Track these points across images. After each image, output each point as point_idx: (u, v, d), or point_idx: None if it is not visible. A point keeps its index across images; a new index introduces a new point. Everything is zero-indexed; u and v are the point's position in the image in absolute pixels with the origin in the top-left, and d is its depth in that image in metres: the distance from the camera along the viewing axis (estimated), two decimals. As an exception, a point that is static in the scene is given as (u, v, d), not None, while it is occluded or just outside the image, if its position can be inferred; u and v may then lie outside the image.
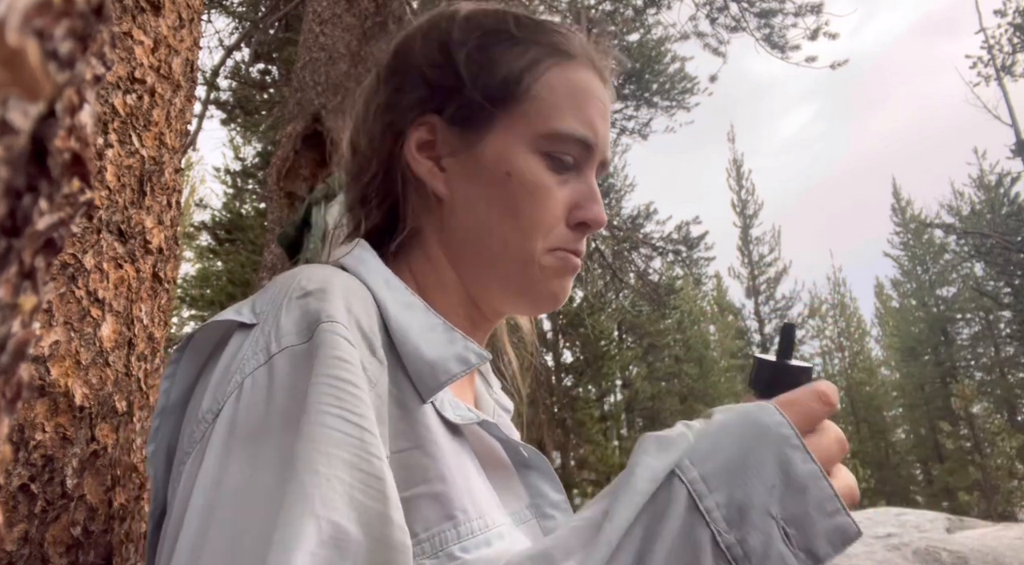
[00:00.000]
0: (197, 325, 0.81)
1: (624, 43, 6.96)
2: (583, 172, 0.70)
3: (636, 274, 8.44)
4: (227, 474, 0.45)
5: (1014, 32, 14.89)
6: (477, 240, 0.67)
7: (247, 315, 0.54)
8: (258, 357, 0.50)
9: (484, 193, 0.67)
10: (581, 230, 0.69)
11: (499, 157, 0.66)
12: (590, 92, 0.69)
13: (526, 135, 0.67)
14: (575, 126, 0.67)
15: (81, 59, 0.20)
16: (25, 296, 0.19)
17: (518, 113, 0.67)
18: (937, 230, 22.79)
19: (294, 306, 0.53)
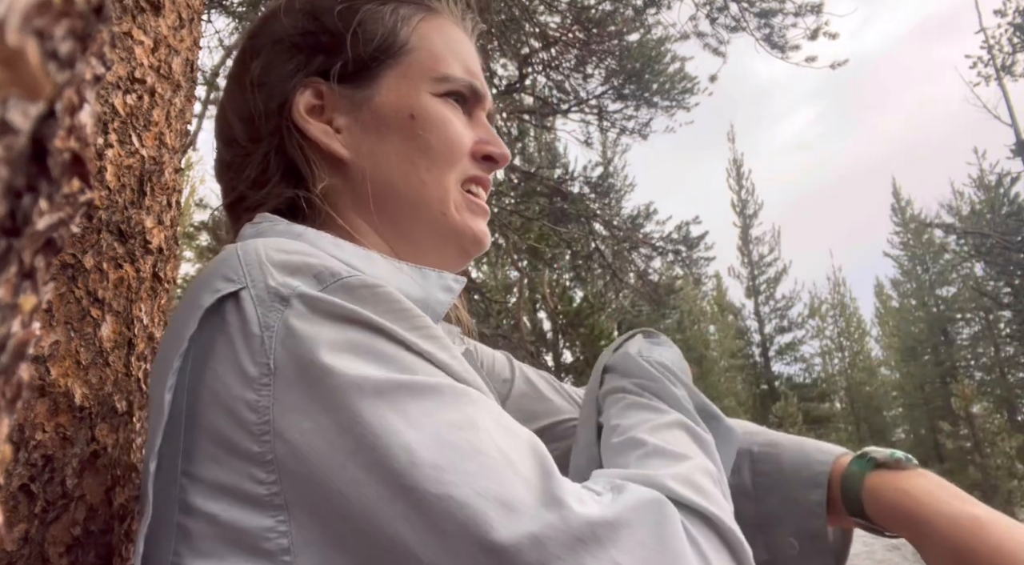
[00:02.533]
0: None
1: (624, 43, 6.96)
2: (475, 117, 0.73)
3: (636, 274, 8.44)
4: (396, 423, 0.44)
5: (1014, 32, 14.88)
6: (394, 191, 0.68)
7: (222, 285, 0.51)
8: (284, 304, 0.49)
9: (391, 141, 0.68)
10: (487, 165, 0.73)
11: (398, 103, 0.69)
12: (462, 41, 0.74)
13: (419, 80, 0.69)
14: (460, 72, 0.71)
15: (81, 59, 0.20)
16: (25, 296, 0.19)
17: (403, 63, 0.70)
18: (937, 230, 22.79)
19: (277, 266, 0.52)
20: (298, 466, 0.45)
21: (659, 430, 0.61)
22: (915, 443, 24.63)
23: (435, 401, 0.46)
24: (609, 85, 7.39)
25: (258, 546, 0.46)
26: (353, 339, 0.48)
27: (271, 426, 0.46)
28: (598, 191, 9.56)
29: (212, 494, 0.48)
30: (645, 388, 0.69)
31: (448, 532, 0.42)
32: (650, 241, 8.72)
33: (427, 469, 0.43)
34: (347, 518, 0.44)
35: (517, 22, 6.19)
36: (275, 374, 0.47)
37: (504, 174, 7.47)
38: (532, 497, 0.43)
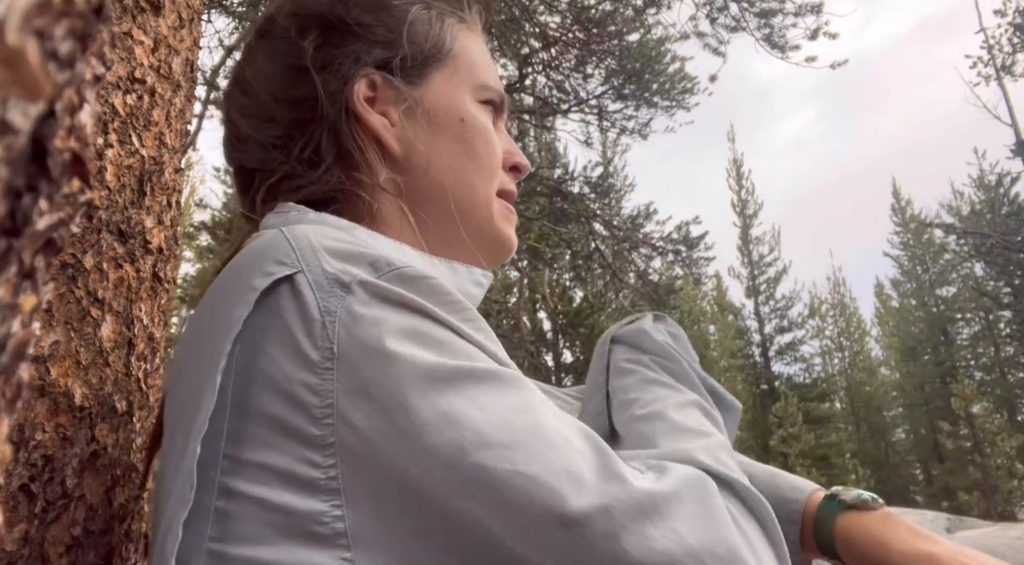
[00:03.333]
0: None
1: (624, 43, 6.96)
2: (499, 126, 0.76)
3: (636, 274, 8.44)
4: (464, 407, 0.46)
5: (1014, 32, 14.88)
6: (443, 190, 0.69)
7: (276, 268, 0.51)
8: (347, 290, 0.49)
9: (443, 141, 0.69)
10: (514, 174, 0.76)
11: (450, 105, 0.70)
12: (489, 55, 0.77)
13: (466, 86, 0.72)
14: (494, 82, 0.74)
15: (81, 59, 0.20)
16: (25, 296, 0.19)
17: (451, 66, 0.72)
18: (937, 230, 22.79)
19: (331, 253, 0.52)
20: (362, 449, 0.46)
21: (680, 408, 0.66)
22: (915, 443, 24.63)
23: (496, 387, 0.48)
24: (609, 85, 7.39)
25: (311, 530, 0.45)
26: (415, 326, 0.49)
27: (334, 409, 0.46)
28: (598, 191, 9.57)
29: (260, 478, 0.47)
30: (662, 366, 0.73)
31: (522, 507, 0.43)
32: (650, 241, 8.72)
33: (498, 449, 0.45)
34: (415, 499, 0.45)
35: (517, 22, 6.19)
36: (338, 358, 0.47)
37: (504, 174, 7.47)
38: (594, 472, 0.46)
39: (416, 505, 0.45)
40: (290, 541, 0.46)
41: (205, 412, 0.49)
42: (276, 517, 0.46)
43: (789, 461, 18.86)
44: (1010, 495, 17.53)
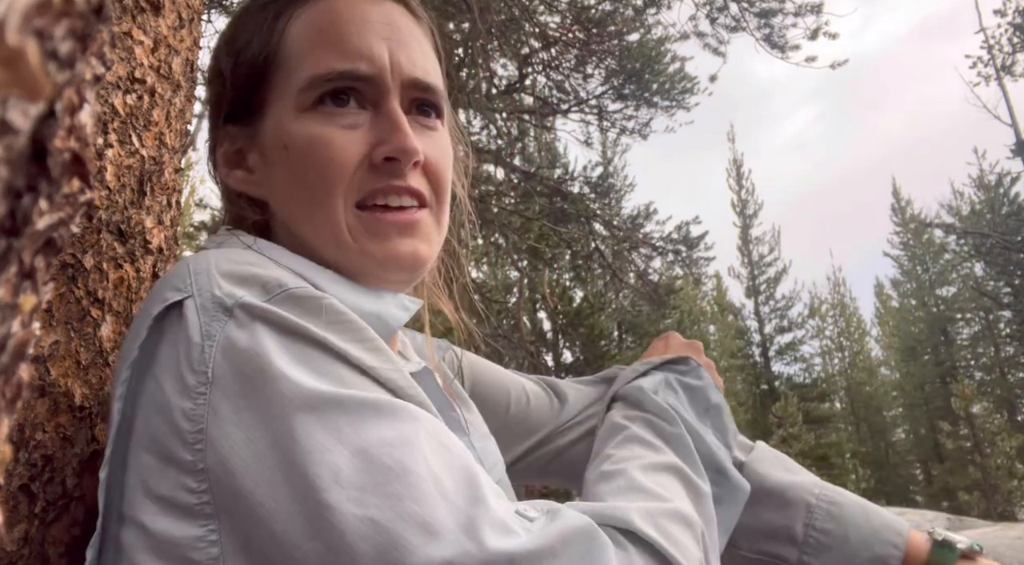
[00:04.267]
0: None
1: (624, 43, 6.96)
2: (379, 106, 0.62)
3: (636, 274, 8.44)
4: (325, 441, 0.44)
5: (1014, 32, 14.88)
6: (296, 230, 0.64)
7: (171, 294, 0.51)
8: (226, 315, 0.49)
9: (279, 177, 0.64)
10: (391, 167, 0.61)
11: (275, 133, 0.63)
12: (350, 18, 0.62)
13: (289, 98, 0.62)
14: (333, 63, 0.61)
15: (81, 59, 0.20)
16: (25, 296, 0.19)
17: (279, 80, 0.63)
18: (937, 230, 22.79)
19: (225, 276, 0.52)
20: (226, 476, 0.45)
21: (649, 469, 0.60)
22: (915, 443, 24.63)
23: (369, 418, 0.46)
24: (609, 85, 7.39)
25: (187, 557, 0.45)
26: (292, 352, 0.48)
27: (205, 435, 0.46)
28: (598, 191, 9.56)
29: (144, 504, 0.47)
30: (654, 427, 0.68)
31: (363, 554, 0.41)
32: (650, 241, 8.72)
33: (351, 490, 0.42)
34: (268, 532, 0.44)
35: (517, 22, 6.19)
36: (212, 383, 0.47)
37: (504, 174, 7.47)
38: (455, 522, 0.42)
39: (272, 540, 0.44)
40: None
41: (110, 439, 0.50)
42: (155, 543, 0.46)
43: (789, 461, 18.84)
44: (1010, 495, 17.52)
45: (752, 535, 0.77)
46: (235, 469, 0.45)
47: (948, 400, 20.94)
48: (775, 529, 0.77)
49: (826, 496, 0.79)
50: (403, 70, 0.63)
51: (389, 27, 0.64)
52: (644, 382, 0.74)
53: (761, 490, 0.79)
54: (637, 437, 0.66)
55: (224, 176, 0.67)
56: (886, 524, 0.76)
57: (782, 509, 0.78)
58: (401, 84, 0.63)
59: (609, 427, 0.71)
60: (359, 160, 0.61)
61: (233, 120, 0.67)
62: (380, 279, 0.64)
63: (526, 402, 0.89)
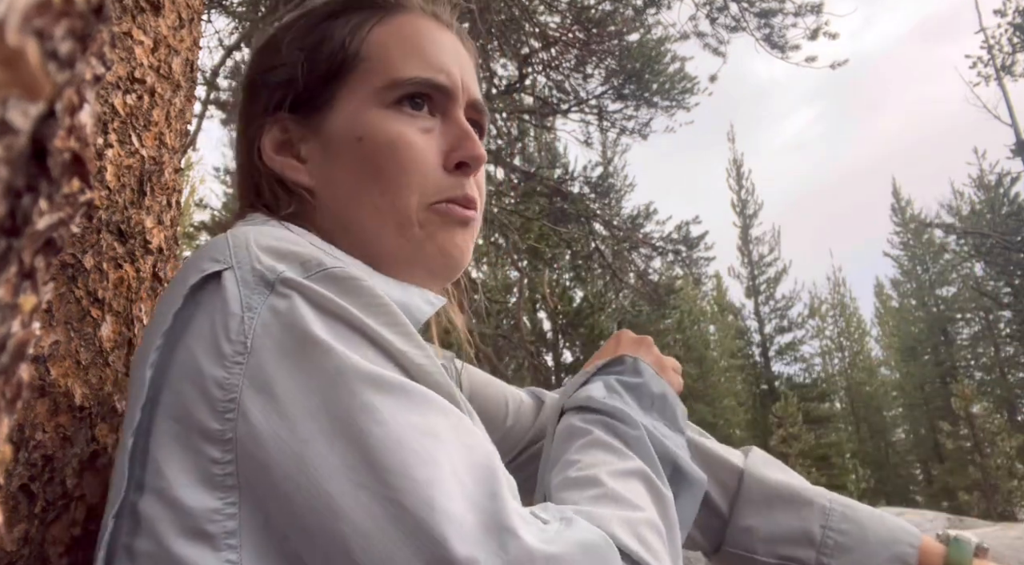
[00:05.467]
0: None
1: (624, 43, 6.95)
2: (449, 114, 0.67)
3: (636, 274, 8.44)
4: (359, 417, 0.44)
5: (1014, 32, 14.88)
6: (350, 218, 0.65)
7: (208, 265, 0.52)
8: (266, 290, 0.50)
9: (343, 167, 0.65)
10: (463, 172, 0.66)
11: (347, 125, 0.65)
12: (427, 36, 0.68)
13: (369, 94, 0.65)
14: (417, 70, 0.65)
15: (81, 59, 0.20)
16: (25, 296, 0.19)
17: (355, 78, 0.66)
18: (937, 230, 22.79)
19: (265, 251, 0.52)
20: (255, 448, 0.45)
21: (618, 476, 0.60)
22: (915, 443, 24.63)
23: (402, 401, 0.46)
24: (609, 85, 7.39)
25: (200, 528, 0.45)
26: (332, 330, 0.48)
27: (237, 404, 0.46)
28: (598, 191, 9.56)
29: (163, 472, 0.47)
30: (613, 430, 0.66)
31: (391, 537, 0.41)
32: (650, 241, 8.72)
33: (381, 473, 0.43)
34: (295, 507, 0.44)
35: (517, 22, 6.19)
36: (250, 353, 0.47)
37: (504, 174, 7.47)
38: (478, 518, 0.43)
39: (299, 516, 0.44)
40: (180, 538, 0.45)
41: (136, 406, 0.50)
42: (170, 513, 0.46)
43: (789, 461, 18.85)
44: (1010, 495, 17.53)
45: (769, 540, 0.78)
46: (264, 440, 0.45)
47: (948, 400, 20.95)
48: (792, 531, 0.77)
49: (838, 499, 0.79)
50: (469, 90, 0.69)
51: (457, 54, 0.70)
52: (590, 389, 0.72)
53: (772, 493, 0.79)
54: (601, 442, 0.65)
55: (270, 160, 0.68)
56: (900, 525, 0.77)
57: (797, 511, 0.78)
58: (466, 101, 0.69)
59: (567, 431, 0.68)
60: (436, 163, 0.65)
61: (292, 110, 0.68)
62: (424, 279, 0.66)
63: (521, 414, 0.91)
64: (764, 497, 0.78)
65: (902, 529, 0.76)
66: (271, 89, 0.69)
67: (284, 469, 0.44)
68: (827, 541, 0.75)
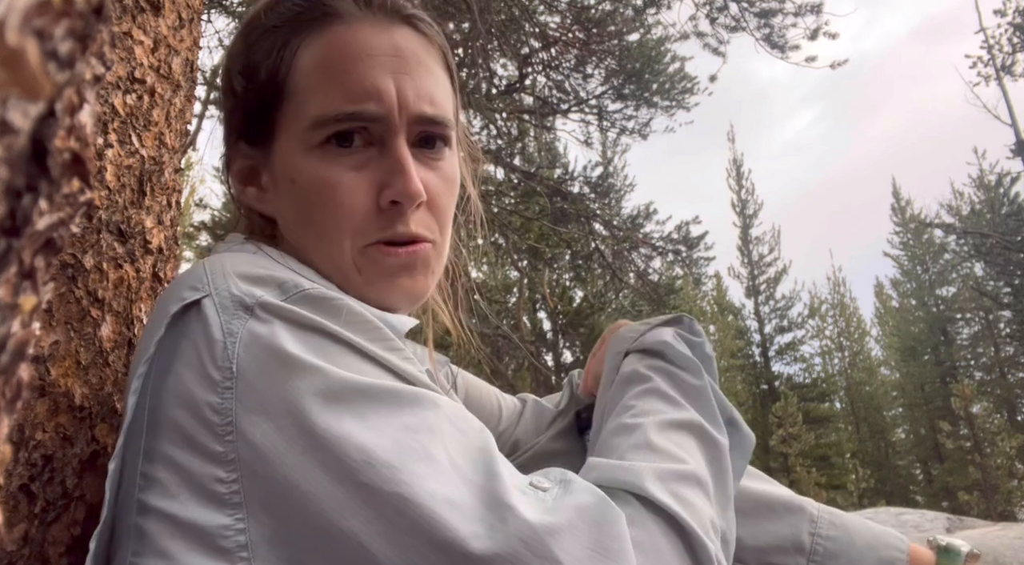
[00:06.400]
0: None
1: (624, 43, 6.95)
2: (386, 144, 0.63)
3: (636, 274, 8.43)
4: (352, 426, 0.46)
5: (1014, 32, 14.87)
6: (303, 251, 0.65)
7: (188, 293, 0.53)
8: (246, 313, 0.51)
9: (288, 205, 0.65)
10: (396, 210, 0.62)
11: (284, 165, 0.64)
12: (356, 54, 0.62)
13: (297, 133, 0.63)
14: (340, 105, 0.61)
15: (81, 59, 0.20)
16: (25, 296, 0.19)
17: (289, 110, 0.64)
18: (937, 230, 22.79)
19: (241, 277, 0.54)
20: (259, 465, 0.47)
21: (667, 426, 0.61)
22: (915, 443, 24.62)
23: (391, 405, 0.48)
24: (609, 85, 7.39)
25: (215, 544, 0.47)
26: (312, 345, 0.50)
27: (234, 427, 0.48)
28: (598, 191, 9.56)
29: (170, 494, 0.49)
30: (676, 381, 0.69)
31: (399, 528, 0.44)
32: (650, 241, 8.71)
33: (381, 468, 0.45)
34: (304, 514, 0.46)
35: (517, 22, 6.19)
36: (237, 377, 0.49)
37: (504, 174, 7.47)
38: (477, 498, 0.45)
39: (307, 522, 0.46)
40: (195, 555, 0.47)
41: (123, 432, 0.52)
42: (183, 532, 0.48)
43: (789, 461, 18.85)
44: (1010, 495, 17.52)
45: (758, 549, 0.78)
46: (267, 457, 0.47)
47: (948, 400, 20.95)
48: (781, 539, 0.78)
49: (823, 507, 0.81)
50: (410, 106, 0.63)
51: (397, 58, 0.63)
52: (661, 334, 0.73)
53: (758, 503, 0.80)
54: (658, 391, 0.67)
55: (238, 193, 0.69)
56: (886, 531, 0.78)
57: (784, 519, 0.79)
58: (408, 120, 0.63)
59: (629, 375, 0.71)
60: (366, 203, 0.62)
61: (246, 139, 0.68)
62: (388, 306, 0.66)
63: (514, 420, 0.92)
64: (751, 507, 0.79)
65: (889, 534, 0.77)
66: (227, 115, 0.70)
67: (291, 482, 0.46)
68: (817, 548, 0.76)
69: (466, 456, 0.48)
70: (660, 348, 0.71)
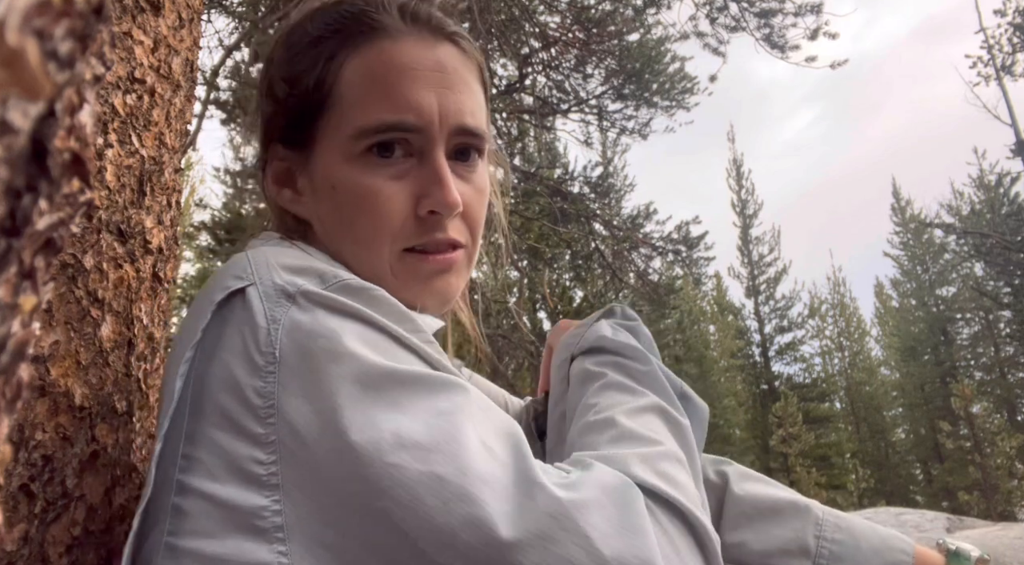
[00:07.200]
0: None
1: (624, 43, 6.95)
2: (426, 155, 0.65)
3: (636, 274, 8.44)
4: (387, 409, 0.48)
5: (1014, 32, 14.87)
6: (338, 255, 0.67)
7: (232, 282, 0.56)
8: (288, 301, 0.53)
9: (326, 209, 0.68)
10: (434, 220, 0.66)
11: (324, 171, 0.67)
12: (401, 67, 0.64)
13: (340, 141, 0.65)
14: (383, 115, 0.63)
15: (81, 59, 0.20)
16: (25, 296, 0.19)
17: (332, 119, 0.66)
18: (937, 230, 22.79)
19: (284, 267, 0.56)
20: (297, 447, 0.49)
21: (634, 414, 0.63)
22: (915, 443, 24.62)
23: (423, 390, 0.50)
24: (609, 85, 7.39)
25: (252, 524, 0.48)
26: (351, 332, 0.52)
27: (276, 409, 0.50)
28: (598, 191, 9.57)
29: (211, 475, 0.51)
30: (624, 369, 0.70)
31: (434, 508, 0.45)
32: (650, 241, 8.71)
33: (413, 450, 0.47)
34: (339, 496, 0.47)
35: (517, 22, 6.19)
36: (280, 363, 0.51)
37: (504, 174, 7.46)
38: (508, 477, 0.47)
39: (342, 504, 0.47)
40: (233, 534, 0.49)
41: (166, 414, 0.54)
42: (222, 512, 0.49)
43: (789, 461, 18.86)
44: (1010, 495, 17.53)
45: (763, 553, 0.78)
46: (305, 439, 0.49)
47: (948, 400, 20.95)
48: (786, 543, 0.77)
49: (829, 509, 0.80)
50: (450, 118, 0.65)
51: (440, 74, 0.66)
52: (599, 330, 0.75)
53: (762, 507, 0.79)
54: (615, 383, 0.68)
55: (273, 194, 0.71)
56: (892, 534, 0.77)
57: (790, 522, 0.78)
58: (448, 132, 0.66)
59: (582, 376, 0.72)
60: (406, 212, 0.65)
61: (285, 142, 0.70)
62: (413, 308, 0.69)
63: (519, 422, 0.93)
64: (755, 511, 0.79)
65: (895, 538, 0.76)
66: (266, 117, 0.71)
67: (326, 464, 0.48)
68: (822, 551, 0.76)
69: (496, 438, 0.50)
70: (601, 344, 0.73)
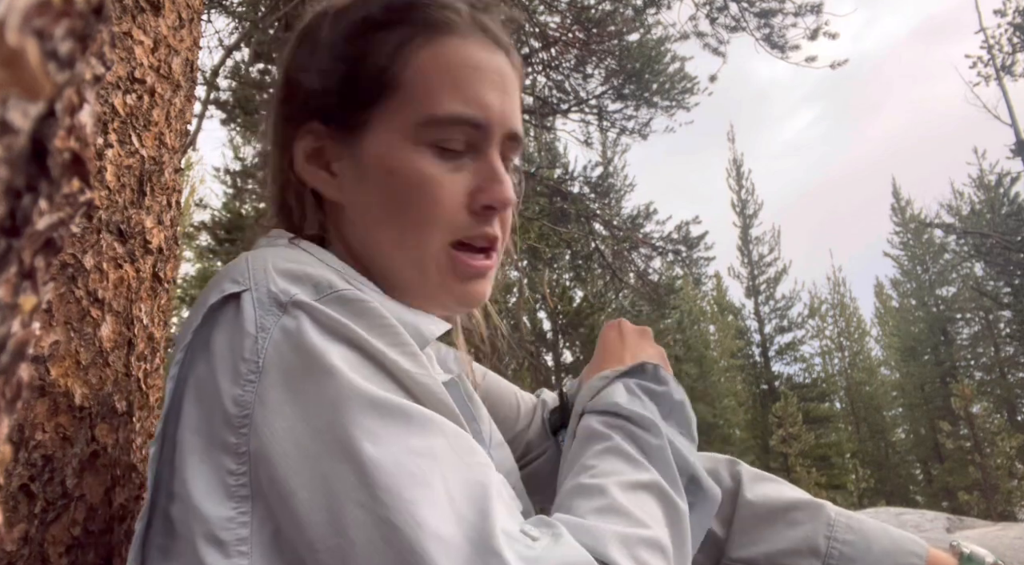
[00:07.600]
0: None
1: (624, 43, 6.95)
2: (482, 152, 0.66)
3: (636, 274, 8.44)
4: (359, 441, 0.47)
5: (1014, 32, 14.87)
6: (373, 243, 0.66)
7: (229, 286, 0.55)
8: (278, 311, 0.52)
9: (373, 195, 0.65)
10: (487, 215, 0.66)
11: (380, 155, 0.65)
12: (473, 65, 0.65)
13: (403, 127, 0.64)
14: (456, 107, 0.64)
15: (81, 59, 0.20)
16: (25, 296, 0.19)
17: (393, 105, 0.64)
18: (937, 230, 22.79)
19: (281, 274, 0.55)
20: (264, 462, 0.48)
21: (629, 488, 0.59)
22: (915, 443, 24.62)
23: (401, 423, 0.48)
24: (609, 85, 7.39)
25: (214, 535, 0.48)
26: (336, 351, 0.51)
27: (250, 420, 0.49)
28: (598, 191, 9.57)
29: (188, 480, 0.50)
30: (634, 437, 0.65)
31: (384, 556, 0.43)
32: (650, 241, 8.71)
33: (377, 491, 0.45)
34: (299, 521, 0.46)
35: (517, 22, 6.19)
36: (262, 372, 0.50)
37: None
38: (465, 539, 0.44)
39: (298, 529, 0.47)
40: (202, 543, 0.48)
41: (162, 418, 0.54)
42: (194, 519, 0.49)
43: (789, 461, 18.86)
44: (1010, 495, 17.53)
45: (773, 553, 0.77)
46: (272, 456, 0.48)
47: (948, 400, 20.94)
48: (796, 544, 0.77)
49: (840, 510, 0.79)
50: (507, 122, 0.67)
51: (501, 79, 0.67)
52: (613, 394, 0.70)
53: (773, 507, 0.79)
54: (618, 450, 0.64)
55: (302, 170, 0.68)
56: (905, 536, 0.76)
57: (801, 524, 0.77)
58: (503, 135, 0.67)
59: (587, 433, 0.68)
60: (460, 204, 0.65)
61: (328, 122, 0.67)
62: (439, 310, 0.68)
63: (528, 420, 0.92)
64: (766, 511, 0.78)
65: (907, 540, 0.75)
66: (306, 94, 0.68)
67: (291, 483, 0.47)
68: (832, 552, 0.75)
69: (464, 489, 0.47)
70: (613, 409, 0.68)
